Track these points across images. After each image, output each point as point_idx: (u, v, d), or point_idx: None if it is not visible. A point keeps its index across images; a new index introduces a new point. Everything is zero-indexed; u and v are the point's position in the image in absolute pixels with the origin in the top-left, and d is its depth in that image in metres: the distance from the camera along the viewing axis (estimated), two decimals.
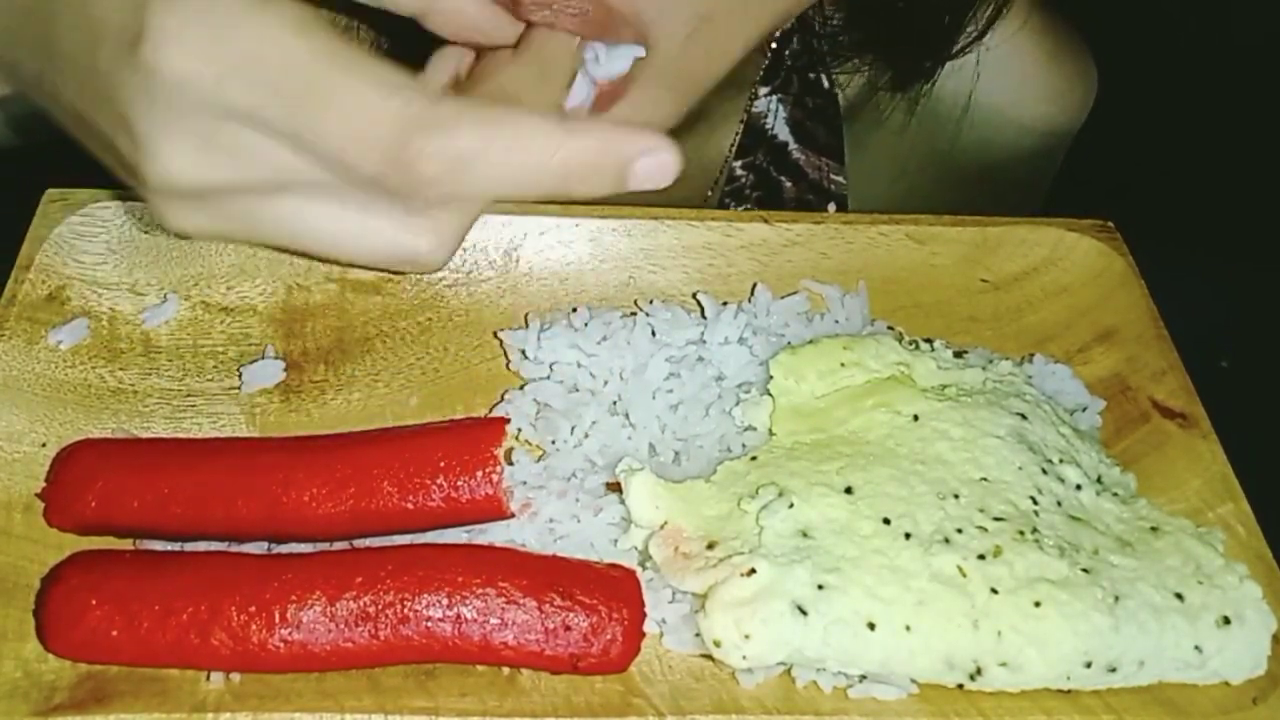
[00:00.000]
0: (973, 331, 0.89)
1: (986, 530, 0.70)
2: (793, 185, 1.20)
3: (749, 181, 1.21)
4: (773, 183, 1.20)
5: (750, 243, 0.89)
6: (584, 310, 0.83)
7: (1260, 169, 2.01)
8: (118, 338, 0.81)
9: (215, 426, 0.78)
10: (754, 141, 1.20)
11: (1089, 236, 0.91)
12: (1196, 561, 0.71)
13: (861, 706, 0.67)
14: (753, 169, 1.20)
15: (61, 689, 0.64)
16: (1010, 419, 0.76)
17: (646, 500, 0.71)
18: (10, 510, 0.72)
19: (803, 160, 1.20)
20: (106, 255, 0.84)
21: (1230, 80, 2.16)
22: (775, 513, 0.69)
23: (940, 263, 0.91)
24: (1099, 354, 0.88)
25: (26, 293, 0.81)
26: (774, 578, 0.66)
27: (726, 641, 0.66)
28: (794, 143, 1.20)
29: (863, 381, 0.79)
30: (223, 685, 0.65)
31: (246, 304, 0.84)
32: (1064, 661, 0.67)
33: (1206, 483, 0.79)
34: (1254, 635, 0.69)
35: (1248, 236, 1.93)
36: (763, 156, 1.20)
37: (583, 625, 0.66)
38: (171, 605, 0.64)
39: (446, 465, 0.70)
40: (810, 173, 1.20)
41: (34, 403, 0.76)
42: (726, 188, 1.21)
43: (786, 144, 1.20)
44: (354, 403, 0.81)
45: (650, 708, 0.66)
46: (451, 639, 0.65)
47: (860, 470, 0.72)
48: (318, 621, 0.64)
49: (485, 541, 0.71)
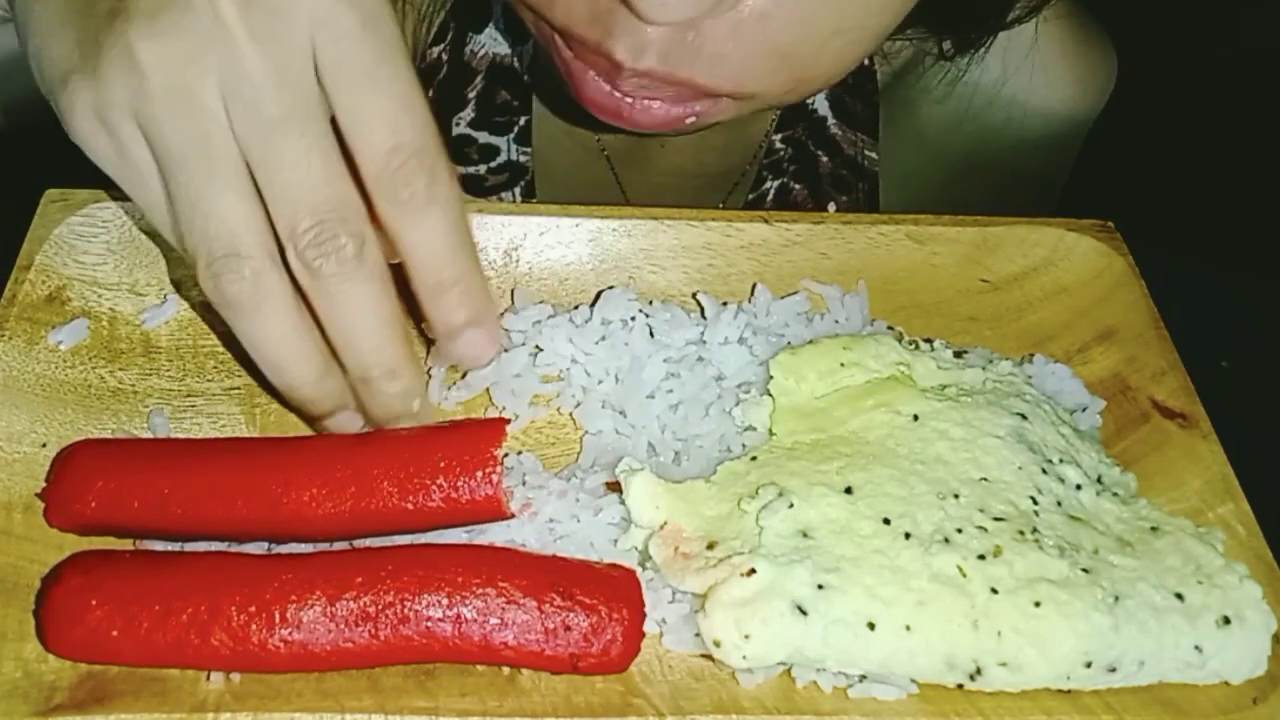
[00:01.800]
0: (973, 331, 0.89)
1: (986, 530, 0.70)
2: (829, 160, 1.21)
3: (787, 155, 1.21)
4: (810, 157, 1.21)
5: (750, 243, 0.89)
6: (584, 309, 0.84)
7: (1260, 169, 2.01)
8: (118, 338, 0.81)
9: (215, 426, 0.78)
10: (794, 115, 1.20)
11: (1089, 236, 0.91)
12: (1196, 561, 0.71)
13: (861, 706, 0.67)
14: (791, 143, 1.21)
15: (62, 689, 0.64)
16: (1010, 419, 0.76)
17: (646, 500, 0.71)
18: (10, 510, 0.72)
19: (840, 135, 1.21)
20: (107, 256, 0.84)
21: (1232, 81, 2.16)
22: (775, 513, 0.69)
23: (940, 263, 0.91)
24: (1099, 354, 0.88)
25: (26, 293, 0.81)
26: (774, 578, 0.66)
27: (726, 641, 0.66)
28: (832, 117, 1.21)
29: (863, 381, 0.79)
30: (223, 685, 0.65)
31: None
32: (1064, 661, 0.67)
33: (1206, 483, 0.79)
34: (1254, 635, 0.69)
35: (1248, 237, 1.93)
36: (802, 131, 1.21)
37: (583, 625, 0.66)
38: (171, 605, 0.64)
39: (446, 465, 0.70)
40: (846, 148, 1.21)
41: (34, 403, 0.76)
42: (765, 160, 1.22)
43: (825, 119, 1.21)
44: None
45: (650, 708, 0.66)
46: (451, 639, 0.65)
47: (860, 470, 0.72)
48: (318, 621, 0.64)
49: (485, 541, 0.71)
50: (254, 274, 0.62)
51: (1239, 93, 2.16)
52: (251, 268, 0.62)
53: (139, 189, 0.64)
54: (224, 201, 0.61)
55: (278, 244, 0.63)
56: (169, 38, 0.59)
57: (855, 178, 1.21)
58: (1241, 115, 2.14)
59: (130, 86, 0.60)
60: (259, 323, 0.64)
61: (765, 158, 1.22)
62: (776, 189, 1.22)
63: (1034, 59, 1.16)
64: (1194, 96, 2.15)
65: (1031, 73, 1.17)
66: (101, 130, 0.62)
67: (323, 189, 0.62)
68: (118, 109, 0.61)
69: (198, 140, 0.61)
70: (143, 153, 0.62)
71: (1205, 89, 2.17)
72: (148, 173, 0.63)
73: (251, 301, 0.63)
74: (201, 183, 0.61)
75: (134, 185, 0.64)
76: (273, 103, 0.60)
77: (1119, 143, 1.38)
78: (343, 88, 0.61)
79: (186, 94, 0.60)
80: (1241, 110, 2.15)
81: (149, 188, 0.64)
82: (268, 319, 0.64)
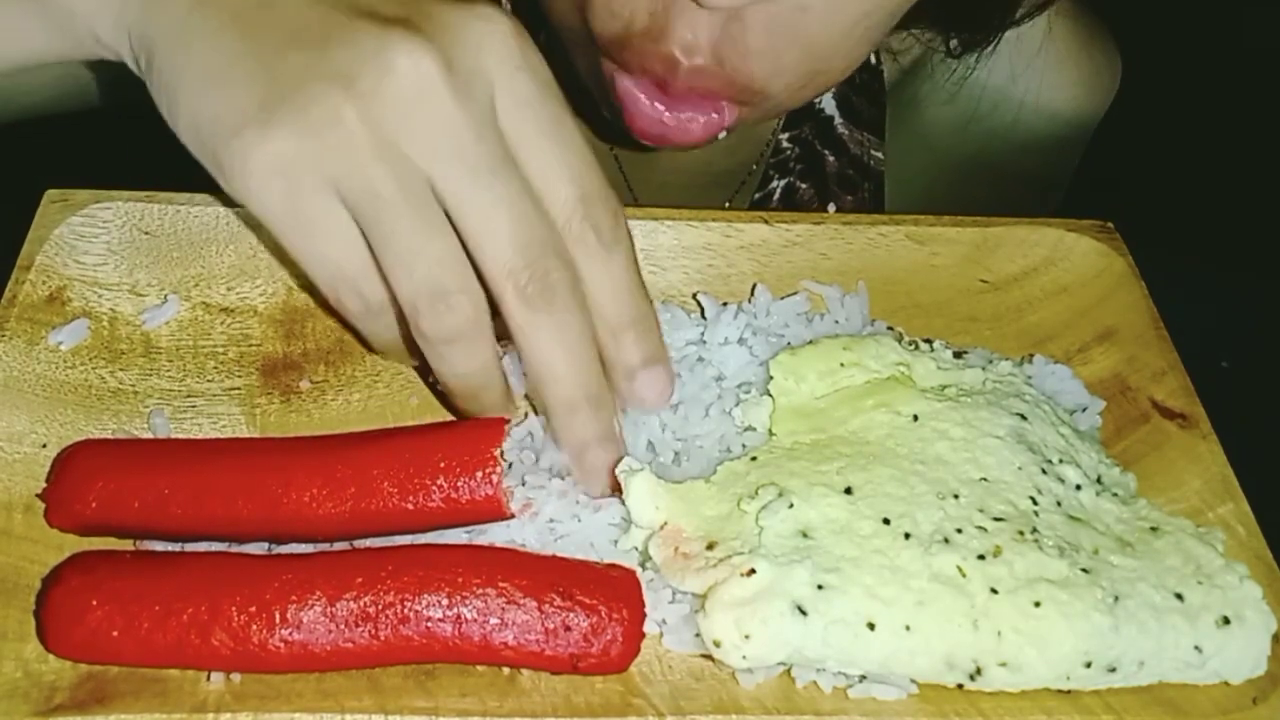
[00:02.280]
0: (973, 331, 0.89)
1: (986, 530, 0.70)
2: (835, 160, 1.21)
3: (794, 154, 1.22)
4: (816, 156, 1.22)
5: (750, 243, 0.89)
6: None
7: (1261, 169, 2.01)
8: (118, 338, 0.81)
9: (215, 427, 0.78)
10: (801, 115, 1.21)
11: (1089, 236, 0.91)
12: (1196, 561, 0.71)
13: (861, 706, 0.67)
14: (798, 142, 1.22)
15: (62, 689, 0.64)
16: (1010, 419, 0.76)
17: (646, 500, 0.71)
18: (10, 511, 0.72)
19: (846, 135, 1.21)
20: (107, 256, 0.84)
21: (1233, 81, 2.16)
22: (775, 513, 0.69)
23: (940, 263, 0.91)
24: (1099, 354, 0.88)
25: (27, 293, 0.81)
26: (774, 578, 0.66)
27: (726, 641, 0.66)
28: (840, 117, 1.21)
29: (863, 382, 0.79)
30: (223, 685, 0.65)
31: (247, 305, 0.84)
32: (1064, 661, 0.67)
33: (1206, 483, 0.79)
34: (1254, 635, 0.69)
35: (1248, 237, 1.93)
36: (809, 130, 1.21)
37: (583, 625, 0.66)
38: (171, 606, 0.64)
39: (446, 466, 0.70)
40: (853, 148, 1.21)
41: (34, 403, 0.76)
42: (772, 160, 1.22)
43: (832, 118, 1.21)
44: (354, 403, 0.81)
45: (650, 708, 0.66)
46: (451, 639, 0.65)
47: (860, 470, 0.72)
48: (318, 622, 0.64)
49: (485, 541, 0.71)
50: (474, 309, 0.67)
51: (1240, 93, 2.16)
52: (470, 304, 0.67)
53: (308, 240, 0.66)
54: (437, 246, 0.65)
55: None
56: (376, 99, 0.63)
57: (861, 177, 1.22)
58: (1242, 116, 2.14)
59: (332, 143, 0.63)
60: (474, 354, 0.69)
61: (772, 157, 1.22)
62: (783, 188, 1.22)
63: (1040, 60, 1.16)
64: (1194, 97, 2.15)
65: (1038, 74, 1.17)
66: (280, 183, 0.64)
67: (534, 229, 0.66)
68: (307, 163, 0.63)
69: (408, 191, 0.64)
70: (328, 205, 0.65)
71: (1206, 89, 2.17)
72: (328, 225, 0.65)
73: (470, 335, 0.68)
74: (413, 230, 0.65)
75: (304, 237, 0.66)
76: (478, 154, 0.65)
77: (1120, 143, 1.38)
78: (528, 147, 0.67)
79: (395, 150, 0.64)
80: (1242, 111, 2.15)
81: (323, 240, 0.66)
82: (484, 350, 0.69)
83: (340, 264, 0.67)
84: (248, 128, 0.63)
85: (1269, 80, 2.12)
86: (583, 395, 0.70)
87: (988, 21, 1.05)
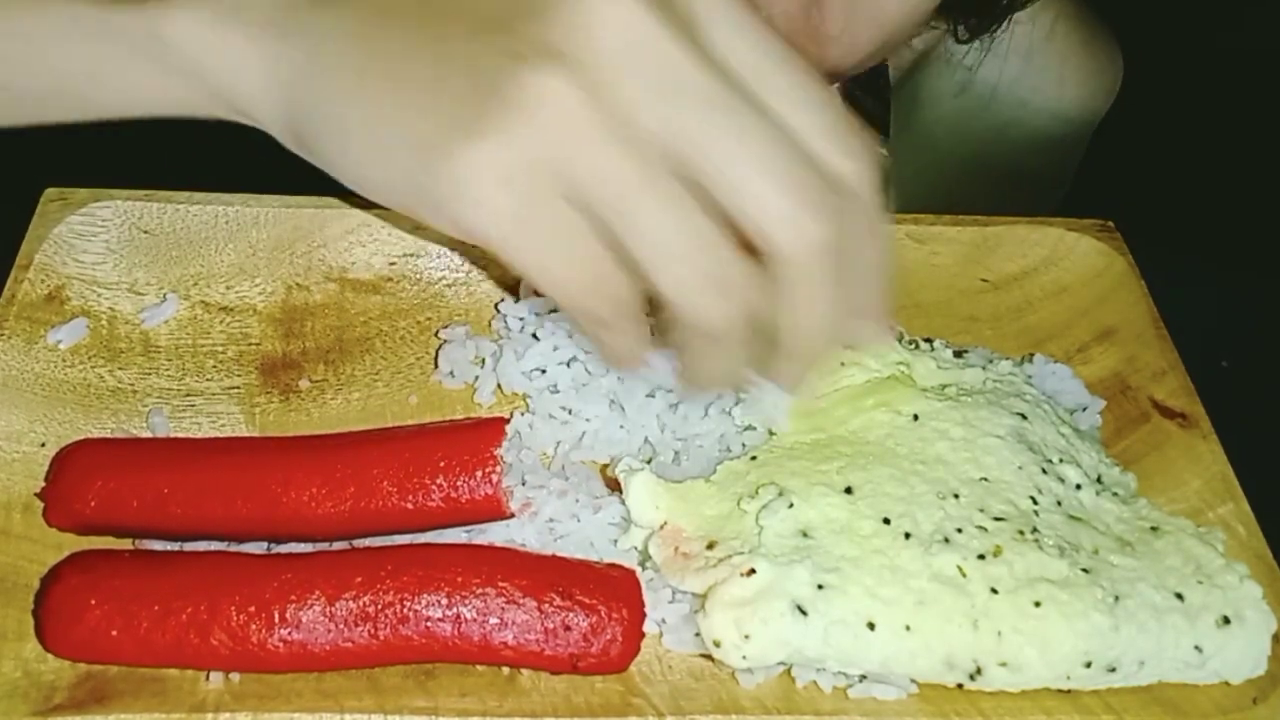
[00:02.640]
0: (973, 331, 0.89)
1: (986, 530, 0.70)
2: None
3: None
4: None
5: None
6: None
7: (1261, 169, 2.01)
8: (117, 337, 0.81)
9: (214, 426, 0.78)
10: None
11: (1089, 236, 0.91)
12: (1196, 561, 0.71)
13: (861, 706, 0.67)
14: None
15: (61, 689, 0.64)
16: (1010, 419, 0.76)
17: (646, 500, 0.71)
18: (10, 510, 0.72)
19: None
20: (106, 255, 0.84)
21: (1234, 81, 2.16)
22: (775, 513, 0.69)
23: (940, 262, 0.91)
24: (1099, 354, 0.88)
25: (26, 292, 0.81)
26: (774, 578, 0.66)
27: (726, 641, 0.66)
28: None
29: (863, 381, 0.79)
30: (222, 685, 0.65)
31: (246, 304, 0.84)
32: (1064, 661, 0.67)
33: (1206, 483, 0.79)
34: (1254, 635, 0.69)
35: (1248, 237, 1.92)
36: None
37: (583, 625, 0.66)
38: (171, 605, 0.64)
39: (446, 465, 0.70)
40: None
41: (33, 402, 0.76)
42: None
43: None
44: (354, 403, 0.81)
45: (650, 708, 0.66)
46: (451, 639, 0.65)
47: (860, 470, 0.72)
48: (317, 621, 0.64)
49: (485, 541, 0.71)
50: (750, 290, 0.59)
51: (1240, 93, 2.16)
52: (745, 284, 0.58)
53: (548, 255, 0.58)
54: (694, 224, 0.57)
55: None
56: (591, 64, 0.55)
57: None
58: (1243, 116, 2.13)
59: (555, 132, 0.55)
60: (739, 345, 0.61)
61: None
62: None
63: (1042, 59, 1.16)
64: (1195, 96, 2.15)
65: (1040, 73, 1.17)
66: (506, 199, 0.56)
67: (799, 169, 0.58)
68: (533, 163, 0.55)
69: (649, 169, 0.56)
70: (563, 208, 0.57)
71: (1206, 89, 2.17)
72: (569, 231, 0.57)
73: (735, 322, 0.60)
74: (663, 210, 0.56)
75: (543, 252, 0.58)
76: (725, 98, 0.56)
77: (1120, 142, 1.38)
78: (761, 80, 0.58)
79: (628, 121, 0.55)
80: (1243, 111, 2.14)
81: (564, 249, 0.58)
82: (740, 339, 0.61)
83: (588, 270, 0.58)
84: (454, 144, 0.55)
85: (1269, 80, 2.12)
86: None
87: (992, 8, 1.05)
